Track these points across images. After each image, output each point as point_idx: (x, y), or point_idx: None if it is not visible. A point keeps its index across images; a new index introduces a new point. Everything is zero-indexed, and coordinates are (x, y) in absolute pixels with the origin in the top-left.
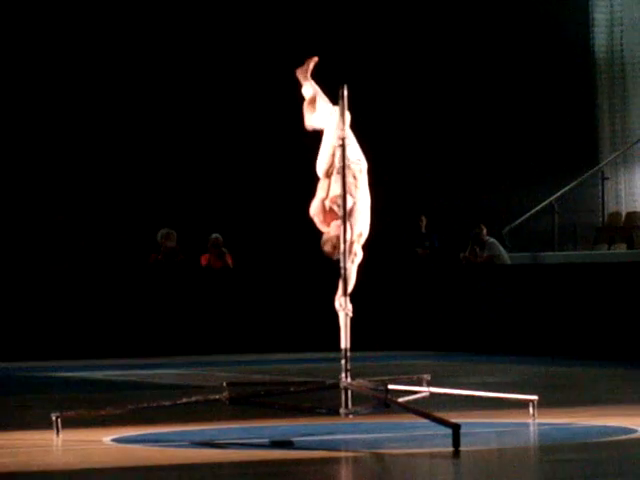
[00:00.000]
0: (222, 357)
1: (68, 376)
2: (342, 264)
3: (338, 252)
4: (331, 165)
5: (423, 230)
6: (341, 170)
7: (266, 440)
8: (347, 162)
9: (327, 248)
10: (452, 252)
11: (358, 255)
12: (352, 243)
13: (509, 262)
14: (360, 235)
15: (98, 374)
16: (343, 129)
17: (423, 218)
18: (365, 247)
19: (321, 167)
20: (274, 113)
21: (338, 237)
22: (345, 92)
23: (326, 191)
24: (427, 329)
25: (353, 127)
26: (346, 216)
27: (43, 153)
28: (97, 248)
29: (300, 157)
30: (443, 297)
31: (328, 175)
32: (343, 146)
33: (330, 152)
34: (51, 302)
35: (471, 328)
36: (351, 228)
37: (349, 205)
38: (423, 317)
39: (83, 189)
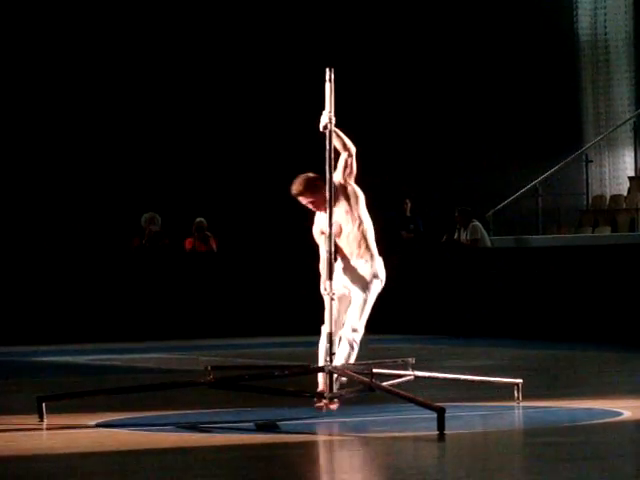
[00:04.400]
0: (206, 341)
1: (51, 361)
2: (327, 248)
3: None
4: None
5: (408, 214)
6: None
7: (251, 424)
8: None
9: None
10: (436, 236)
11: None
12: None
13: (490, 245)
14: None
15: (81, 359)
16: (331, 111)
17: (408, 201)
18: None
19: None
20: (258, 99)
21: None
22: (332, 75)
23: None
24: (411, 313)
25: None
26: (332, 200)
27: (29, 138)
28: (81, 232)
29: (284, 142)
30: (427, 281)
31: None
32: (330, 132)
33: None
34: (34, 287)
35: (455, 312)
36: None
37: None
38: (407, 301)
39: (67, 172)
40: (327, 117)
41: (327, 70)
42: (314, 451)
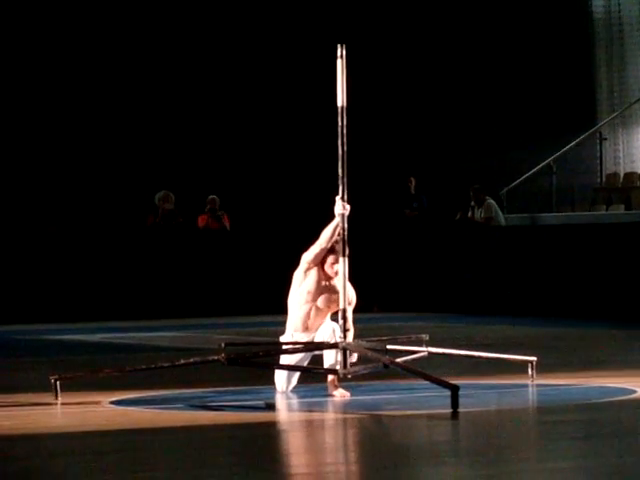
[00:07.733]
0: (219, 319)
1: (66, 339)
2: (341, 224)
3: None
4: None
5: (412, 191)
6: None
7: (262, 402)
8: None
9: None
10: (442, 213)
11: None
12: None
13: (504, 224)
14: (350, 303)
15: (96, 337)
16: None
17: (412, 179)
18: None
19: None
20: (270, 77)
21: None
22: (344, 51)
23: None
24: (424, 291)
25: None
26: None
27: (43, 116)
28: (95, 210)
29: (296, 120)
30: (441, 259)
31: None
32: (342, 116)
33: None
34: (49, 265)
35: (469, 290)
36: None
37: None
38: (420, 279)
39: (82, 151)
40: (341, 205)
41: (338, 47)
42: (326, 429)
